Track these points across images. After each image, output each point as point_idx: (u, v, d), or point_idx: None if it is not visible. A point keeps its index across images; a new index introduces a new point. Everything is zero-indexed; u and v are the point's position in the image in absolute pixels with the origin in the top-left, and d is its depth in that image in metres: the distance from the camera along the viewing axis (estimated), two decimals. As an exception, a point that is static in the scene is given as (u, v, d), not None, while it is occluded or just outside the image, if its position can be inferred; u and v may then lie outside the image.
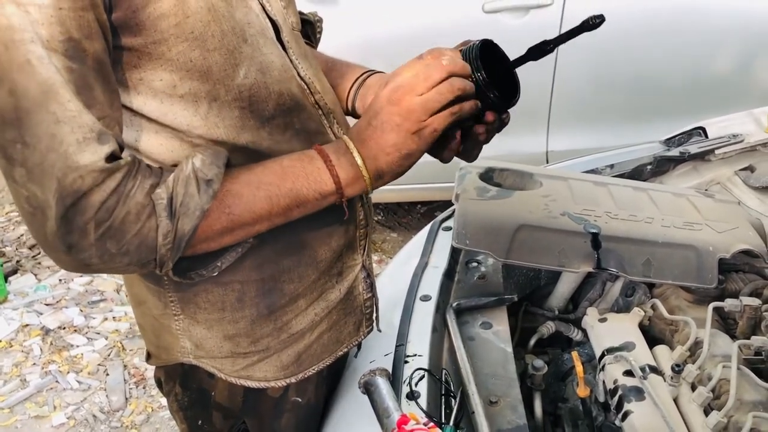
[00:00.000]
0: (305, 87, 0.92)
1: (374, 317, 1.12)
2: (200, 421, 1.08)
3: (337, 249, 1.00)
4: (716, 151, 1.66)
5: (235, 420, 1.08)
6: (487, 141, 0.95)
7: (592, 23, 0.87)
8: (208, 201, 0.77)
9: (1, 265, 3.14)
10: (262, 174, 0.82)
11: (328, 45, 1.20)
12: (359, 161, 0.84)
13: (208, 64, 0.80)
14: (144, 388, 2.65)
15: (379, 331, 1.14)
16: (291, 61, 0.91)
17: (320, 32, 1.13)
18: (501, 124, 0.94)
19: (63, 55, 0.69)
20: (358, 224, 1.03)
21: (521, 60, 0.92)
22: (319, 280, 0.99)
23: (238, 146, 0.85)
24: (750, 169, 1.63)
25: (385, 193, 3.19)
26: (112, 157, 0.72)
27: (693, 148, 1.70)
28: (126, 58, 0.77)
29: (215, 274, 0.90)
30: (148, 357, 1.08)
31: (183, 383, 1.06)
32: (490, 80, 0.87)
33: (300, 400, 1.06)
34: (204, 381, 1.03)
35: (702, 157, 1.68)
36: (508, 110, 0.93)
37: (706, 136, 1.77)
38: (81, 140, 0.69)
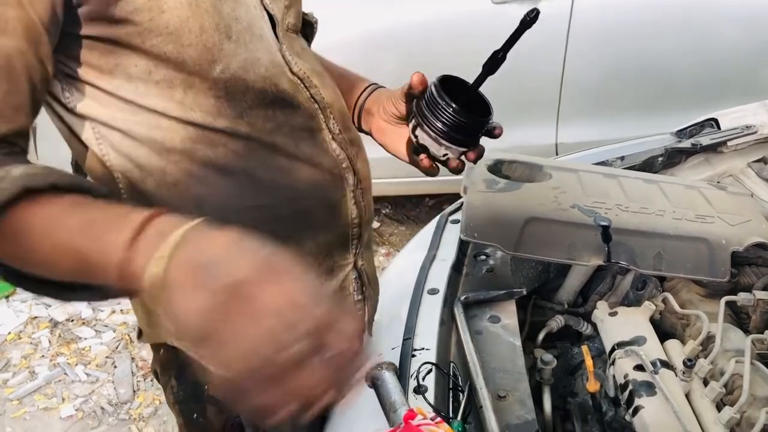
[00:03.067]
0: (298, 82, 0.91)
1: (366, 321, 1.08)
2: (195, 415, 1.07)
3: (324, 245, 0.97)
4: (729, 143, 1.64)
5: (229, 414, 1.07)
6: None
7: (530, 18, 0.89)
8: None
9: (10, 258, 3.15)
10: (59, 228, 0.65)
11: (336, 38, 1.19)
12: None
13: (183, 58, 0.79)
14: (152, 380, 2.65)
15: (370, 335, 1.12)
16: (283, 56, 0.89)
17: (314, 34, 1.11)
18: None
19: None
20: (350, 222, 0.99)
21: (480, 79, 0.94)
22: None
23: (216, 129, 0.84)
24: (763, 160, 1.61)
25: (392, 187, 3.18)
26: None
27: (705, 139, 1.67)
28: (101, 45, 0.76)
29: (70, 302, 0.83)
30: (140, 335, 1.07)
31: (178, 377, 1.05)
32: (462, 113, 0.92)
33: None
34: (197, 374, 1.02)
35: (714, 148, 1.66)
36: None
37: (719, 128, 1.75)
38: None
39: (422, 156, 0.99)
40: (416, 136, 0.97)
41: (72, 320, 2.99)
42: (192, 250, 0.56)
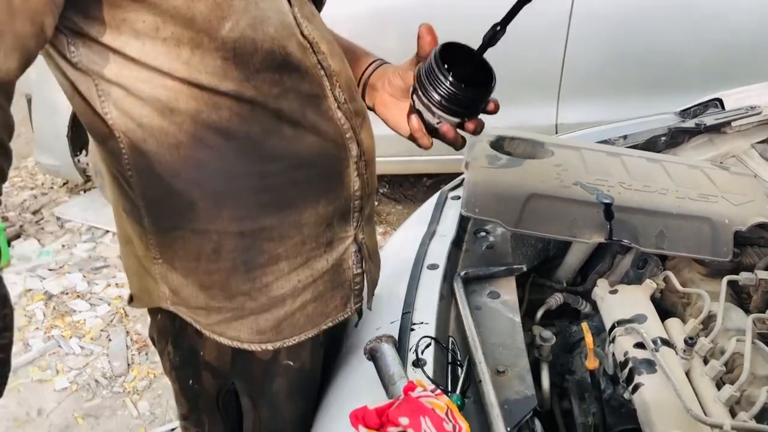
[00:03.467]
0: (308, 46, 0.89)
1: (364, 295, 1.07)
2: (191, 381, 1.07)
3: (325, 216, 0.96)
4: (733, 123, 1.62)
5: (224, 380, 1.06)
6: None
7: None
8: None
9: (4, 230, 3.13)
10: None
11: (338, 13, 1.17)
12: None
13: (192, 13, 0.76)
14: (146, 354, 2.65)
15: (369, 309, 1.11)
16: (295, 18, 0.87)
17: (323, 5, 1.09)
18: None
19: None
20: (352, 194, 0.98)
21: (482, 49, 0.94)
22: (303, 245, 0.95)
23: (222, 92, 0.82)
24: (767, 141, 1.59)
25: (390, 165, 3.17)
26: None
27: (709, 119, 1.66)
28: None
29: None
30: (131, 300, 1.05)
31: (174, 342, 1.04)
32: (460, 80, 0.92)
33: (292, 364, 1.04)
34: (193, 340, 1.01)
35: (718, 129, 1.64)
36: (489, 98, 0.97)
37: (723, 108, 1.74)
38: None
39: (413, 116, 0.98)
40: (413, 101, 0.97)
41: (67, 293, 2.98)
42: None
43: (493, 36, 0.92)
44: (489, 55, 0.95)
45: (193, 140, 0.83)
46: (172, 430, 2.30)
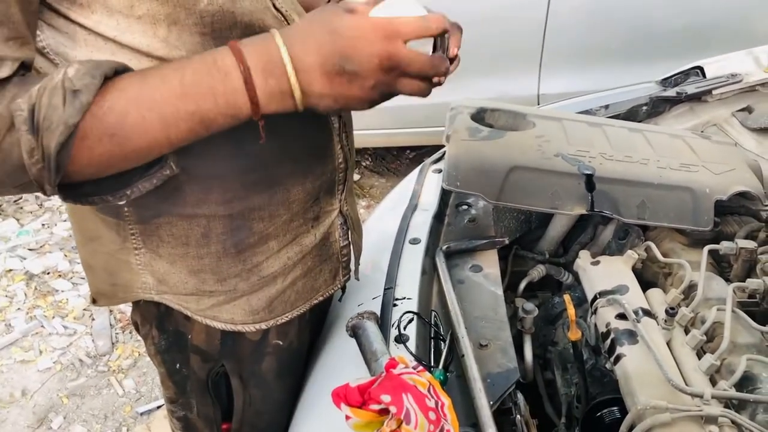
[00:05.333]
0: (282, 18, 0.86)
1: (351, 267, 1.08)
2: (178, 365, 1.06)
3: (312, 191, 0.96)
4: (714, 92, 1.61)
5: (213, 363, 1.06)
6: None
7: None
8: (75, 115, 0.67)
9: (-18, 210, 3.09)
10: (157, 90, 0.71)
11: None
12: (295, 88, 0.73)
13: None
14: (130, 333, 2.64)
15: (357, 279, 1.11)
16: None
17: None
18: None
19: None
20: (336, 167, 0.99)
21: None
22: (292, 222, 0.95)
23: None
24: (748, 110, 1.59)
25: (373, 138, 3.14)
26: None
27: (690, 88, 1.65)
28: None
29: (123, 202, 0.81)
30: (94, 300, 1.03)
31: (159, 326, 1.03)
32: None
33: (281, 343, 1.04)
34: (180, 323, 1.00)
35: (699, 97, 1.64)
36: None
37: (704, 76, 1.73)
38: None
39: None
40: None
41: (48, 273, 2.95)
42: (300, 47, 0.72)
43: None
44: (469, 24, 0.90)
45: None
46: (158, 407, 2.30)
